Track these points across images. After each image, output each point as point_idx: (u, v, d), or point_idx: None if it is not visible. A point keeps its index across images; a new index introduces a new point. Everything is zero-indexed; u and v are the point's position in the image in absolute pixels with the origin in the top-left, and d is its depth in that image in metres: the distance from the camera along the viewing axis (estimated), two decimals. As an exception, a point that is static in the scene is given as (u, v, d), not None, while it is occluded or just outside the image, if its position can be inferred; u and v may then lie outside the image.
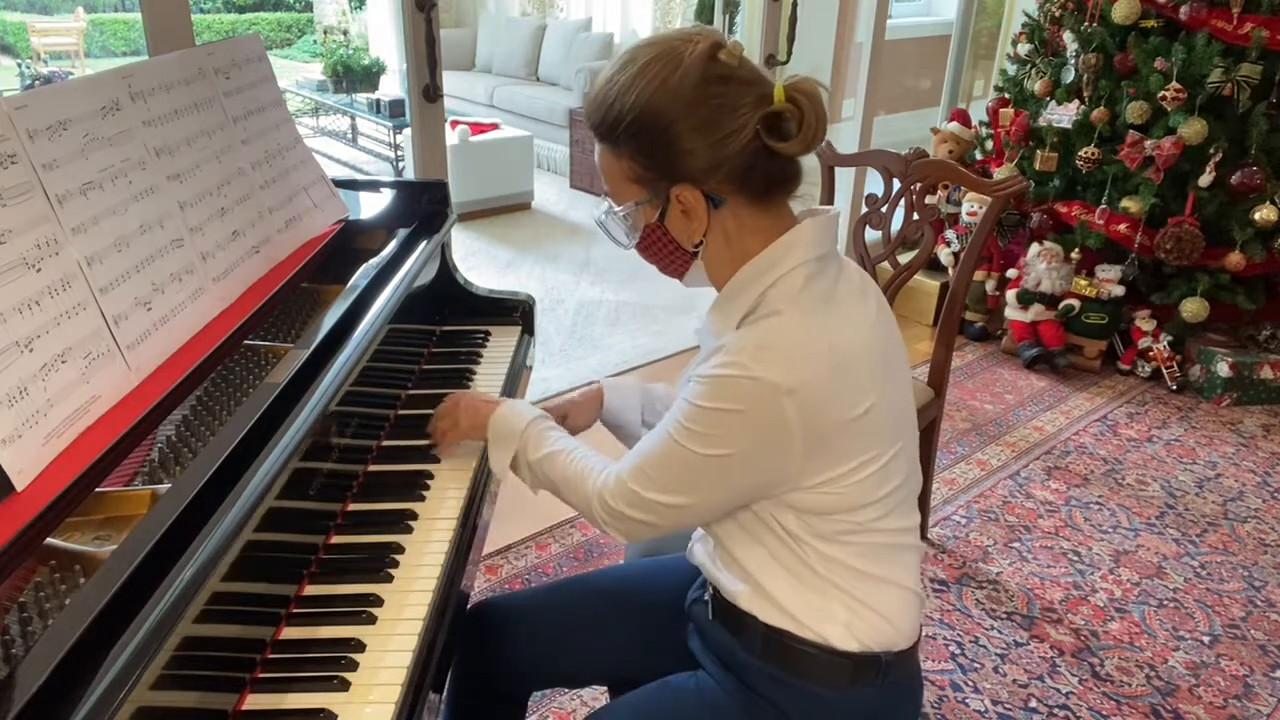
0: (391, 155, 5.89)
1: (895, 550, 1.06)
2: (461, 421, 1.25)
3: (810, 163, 1.06)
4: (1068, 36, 3.43)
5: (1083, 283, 3.36)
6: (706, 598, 1.15)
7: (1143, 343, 3.35)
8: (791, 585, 1.03)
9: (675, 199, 0.99)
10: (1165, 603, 2.23)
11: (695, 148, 0.95)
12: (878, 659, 1.04)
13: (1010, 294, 3.49)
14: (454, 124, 5.21)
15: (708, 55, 0.94)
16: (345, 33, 8.23)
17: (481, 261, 4.61)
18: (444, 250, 1.66)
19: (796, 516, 1.00)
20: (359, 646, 0.97)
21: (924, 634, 1.32)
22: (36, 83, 7.89)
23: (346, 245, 1.48)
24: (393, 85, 6.81)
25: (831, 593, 1.03)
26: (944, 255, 3.70)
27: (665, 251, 1.06)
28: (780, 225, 1.01)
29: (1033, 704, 1.91)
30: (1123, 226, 3.25)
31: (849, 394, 0.96)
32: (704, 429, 0.96)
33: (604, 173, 1.02)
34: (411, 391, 1.48)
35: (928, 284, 3.71)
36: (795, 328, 0.96)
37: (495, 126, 5.68)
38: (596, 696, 1.85)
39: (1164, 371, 3.30)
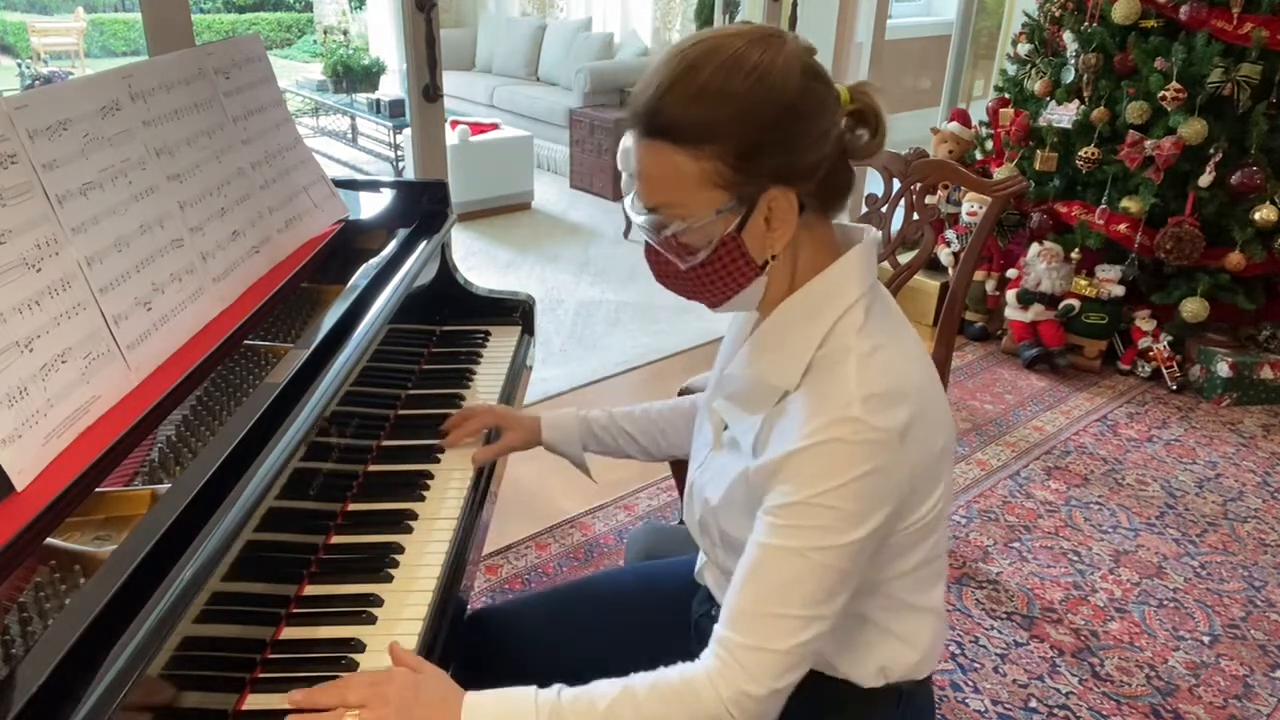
0: (391, 155, 5.89)
1: (934, 579, 1.02)
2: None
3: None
4: (1068, 36, 3.43)
5: (1083, 283, 3.36)
6: (714, 613, 1.11)
7: (1143, 343, 3.35)
8: None
9: (765, 204, 0.87)
10: (1165, 603, 2.23)
11: (801, 143, 0.86)
12: (898, 689, 1.03)
13: (1010, 294, 3.49)
14: (454, 124, 5.21)
15: (801, 55, 0.86)
16: (345, 33, 8.23)
17: (481, 261, 4.61)
18: (444, 250, 1.66)
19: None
20: (359, 646, 0.97)
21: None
22: (36, 83, 7.89)
23: (346, 245, 1.48)
24: (393, 85, 6.81)
25: (867, 633, 0.98)
26: (944, 255, 3.70)
27: (728, 267, 0.90)
28: (833, 241, 0.95)
29: (1033, 704, 1.91)
30: (1123, 226, 3.25)
31: (935, 426, 0.91)
32: (841, 508, 0.83)
33: (663, 180, 0.87)
34: (411, 391, 1.48)
35: (928, 284, 3.71)
36: (885, 365, 0.87)
37: (495, 126, 5.68)
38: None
39: (1164, 371, 3.30)
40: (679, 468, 2.30)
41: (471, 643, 1.23)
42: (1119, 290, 3.33)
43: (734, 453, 0.98)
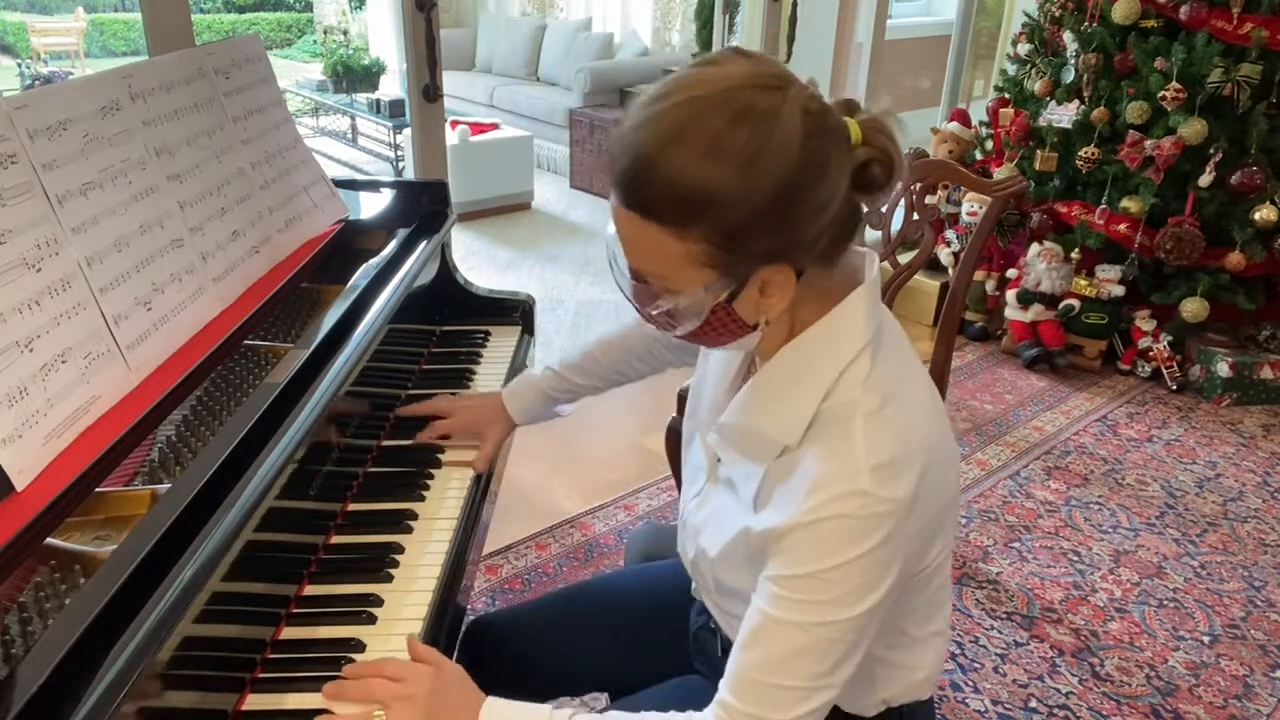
0: (391, 155, 5.89)
1: (940, 606, 1.00)
2: None
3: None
4: (1068, 36, 3.43)
5: (1083, 283, 3.36)
6: (712, 625, 1.10)
7: (1143, 343, 3.35)
8: None
9: (759, 279, 0.80)
10: (1165, 603, 2.23)
11: (800, 221, 0.77)
12: (900, 711, 1.02)
13: (1010, 294, 3.49)
14: (454, 124, 5.21)
15: (804, 107, 0.75)
16: (345, 33, 8.23)
17: (481, 261, 4.61)
18: (444, 250, 1.66)
19: None
20: (359, 646, 0.97)
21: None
22: (36, 83, 7.89)
23: (346, 245, 1.48)
24: (393, 85, 6.81)
25: (873, 668, 0.95)
26: (944, 255, 3.70)
27: (719, 330, 0.85)
28: (834, 285, 0.87)
29: (1033, 704, 1.91)
30: (1123, 226, 3.25)
31: (944, 479, 0.87)
32: (851, 583, 0.80)
33: (649, 254, 0.80)
34: (412, 391, 1.48)
35: (928, 284, 3.71)
36: (894, 425, 0.82)
37: (495, 126, 5.68)
38: (597, 698, 1.84)
39: (1164, 371, 3.30)
40: (679, 467, 2.30)
41: (472, 649, 1.22)
42: (1119, 290, 3.33)
43: (731, 494, 0.94)
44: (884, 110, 0.83)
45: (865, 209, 0.85)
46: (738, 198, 0.74)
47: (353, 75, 6.66)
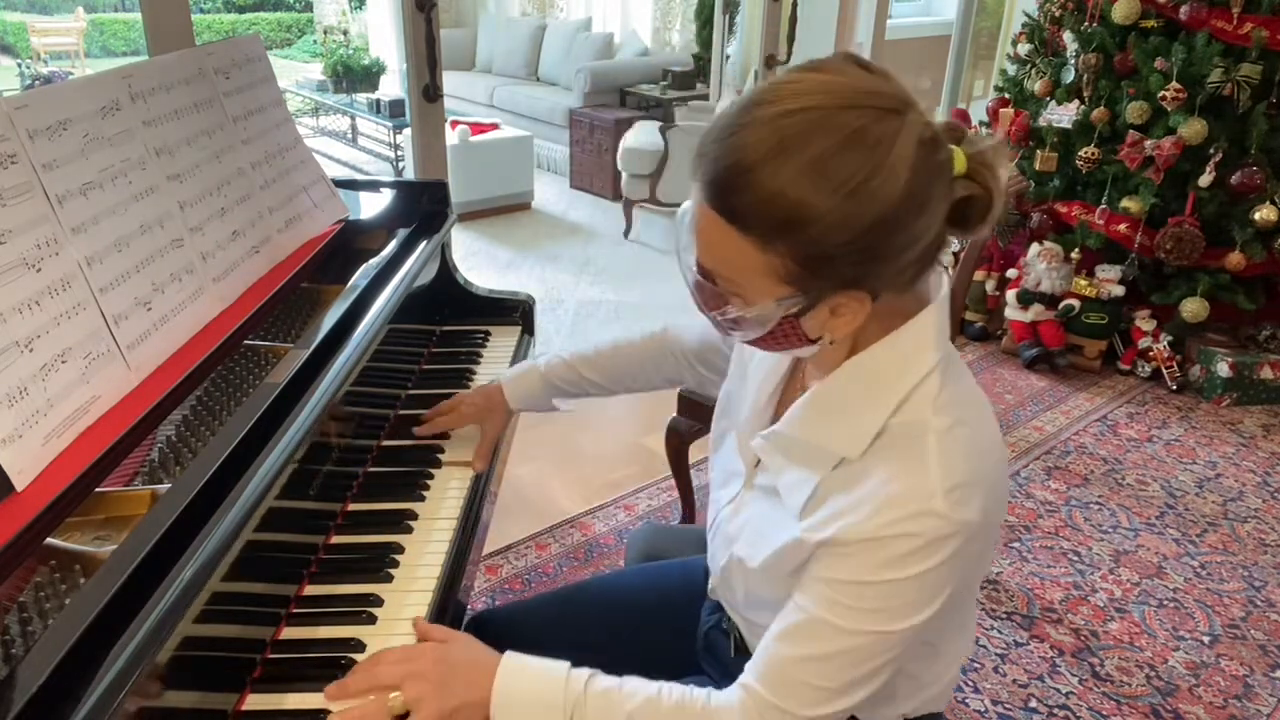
0: (391, 155, 5.89)
1: (969, 622, 1.01)
2: (436, 700, 0.85)
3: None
4: (1068, 36, 3.43)
5: (1083, 283, 3.36)
6: (725, 626, 1.09)
7: (1143, 343, 3.35)
8: None
9: (833, 301, 0.78)
10: (1165, 603, 2.23)
11: (888, 254, 0.74)
12: None
13: (1010, 294, 3.49)
14: (454, 124, 5.21)
15: (919, 137, 0.72)
16: (345, 33, 8.23)
17: (481, 261, 4.61)
18: (444, 250, 1.66)
19: None
20: (359, 646, 0.97)
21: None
22: (36, 83, 7.89)
23: (346, 245, 1.48)
24: (393, 85, 6.81)
25: (898, 682, 0.94)
26: (944, 255, 3.70)
27: (780, 340, 0.83)
28: (903, 304, 0.84)
29: (1033, 704, 1.91)
30: (1123, 226, 3.25)
31: (1003, 505, 0.87)
32: (905, 599, 0.79)
33: (722, 257, 0.77)
34: (412, 392, 1.48)
35: (928, 284, 3.71)
36: (967, 446, 0.81)
37: (495, 126, 5.68)
38: (596, 696, 1.84)
39: (1164, 371, 3.30)
40: (681, 470, 2.30)
41: None
42: (1119, 290, 3.33)
43: (771, 502, 0.92)
44: (995, 144, 0.80)
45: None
46: (833, 224, 0.71)
47: (353, 75, 6.67)
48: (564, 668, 0.88)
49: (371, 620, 1.01)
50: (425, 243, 1.51)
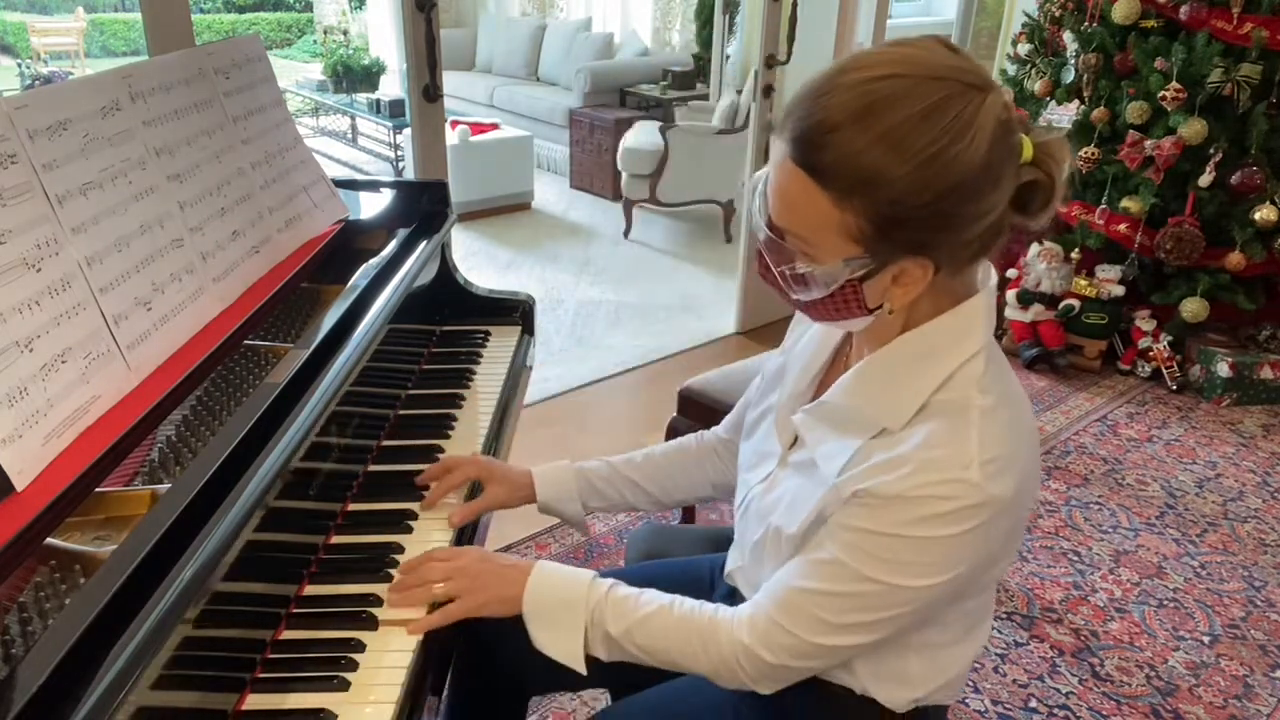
0: (391, 155, 5.89)
1: (988, 612, 1.01)
2: (476, 594, 0.99)
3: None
4: (1068, 36, 3.43)
5: (1083, 283, 3.36)
6: None
7: (1143, 343, 3.35)
8: (869, 653, 0.94)
9: (898, 267, 0.81)
10: (1165, 603, 2.23)
11: (957, 224, 0.78)
12: (924, 712, 1.02)
13: (1010, 294, 3.49)
14: (454, 124, 5.21)
15: (999, 115, 0.76)
16: (345, 33, 8.23)
17: (481, 261, 4.61)
18: (444, 250, 1.66)
19: None
20: (359, 647, 0.97)
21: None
22: (36, 83, 7.89)
23: (346, 245, 1.48)
24: (393, 85, 6.81)
25: (911, 662, 0.96)
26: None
27: (838, 304, 0.85)
28: (954, 287, 0.88)
29: (1033, 704, 1.91)
30: (1123, 226, 3.25)
31: (1034, 491, 0.90)
32: (921, 558, 0.83)
33: (800, 212, 0.80)
34: (412, 392, 1.48)
35: (928, 284, 3.71)
36: (1007, 427, 0.84)
37: (495, 126, 5.68)
38: (596, 697, 1.84)
39: (1164, 371, 3.30)
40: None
41: (472, 637, 1.22)
42: (1119, 290, 3.33)
43: (807, 474, 0.94)
44: (1059, 137, 0.83)
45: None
46: (908, 189, 0.75)
47: (353, 75, 6.67)
48: (589, 575, 0.99)
49: (371, 620, 1.00)
50: (425, 243, 1.51)
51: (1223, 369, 3.20)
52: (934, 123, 0.74)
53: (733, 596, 1.13)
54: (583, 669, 0.97)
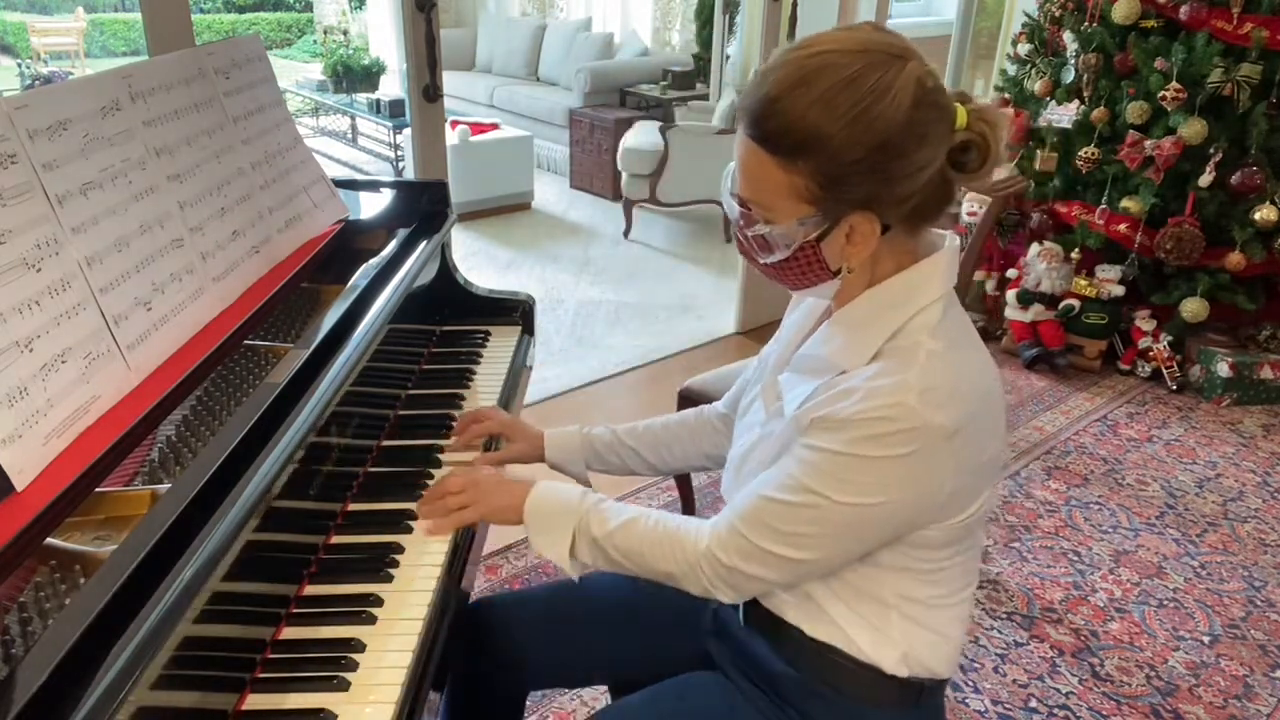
0: (391, 155, 5.89)
1: (969, 575, 1.04)
2: (486, 502, 1.12)
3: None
4: (1068, 36, 3.43)
5: (1083, 283, 3.36)
6: (734, 608, 1.12)
7: (1143, 343, 3.35)
8: (849, 606, 1.00)
9: (848, 224, 0.90)
10: (1165, 603, 2.23)
11: (894, 177, 0.87)
12: (921, 684, 1.03)
13: (1010, 294, 3.49)
14: (454, 124, 5.21)
15: (919, 79, 0.86)
16: (345, 33, 8.23)
17: (481, 261, 4.61)
18: (444, 250, 1.66)
19: (892, 551, 0.96)
20: (359, 646, 0.97)
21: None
22: (36, 83, 7.89)
23: (346, 245, 1.48)
24: (393, 85, 6.80)
25: (893, 619, 1.00)
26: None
27: (804, 268, 0.95)
28: (913, 250, 0.97)
29: (1033, 704, 1.91)
30: (1123, 226, 3.25)
31: (990, 434, 0.94)
32: (858, 477, 0.89)
33: (757, 180, 0.91)
34: (412, 392, 1.48)
35: (928, 284, 3.70)
36: (952, 366, 0.90)
37: (495, 126, 5.68)
38: (596, 697, 1.84)
39: (1164, 371, 3.30)
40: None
41: (472, 634, 1.23)
42: (1119, 290, 3.33)
43: (781, 424, 1.01)
44: (993, 104, 0.92)
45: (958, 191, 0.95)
46: (842, 146, 0.85)
47: (353, 75, 6.66)
48: (582, 489, 1.10)
49: (371, 620, 1.01)
50: (425, 243, 1.51)
51: (1223, 369, 3.20)
52: (858, 86, 0.84)
53: None
54: (569, 570, 1.07)
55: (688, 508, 2.35)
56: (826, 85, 0.85)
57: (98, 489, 0.88)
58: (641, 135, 5.01)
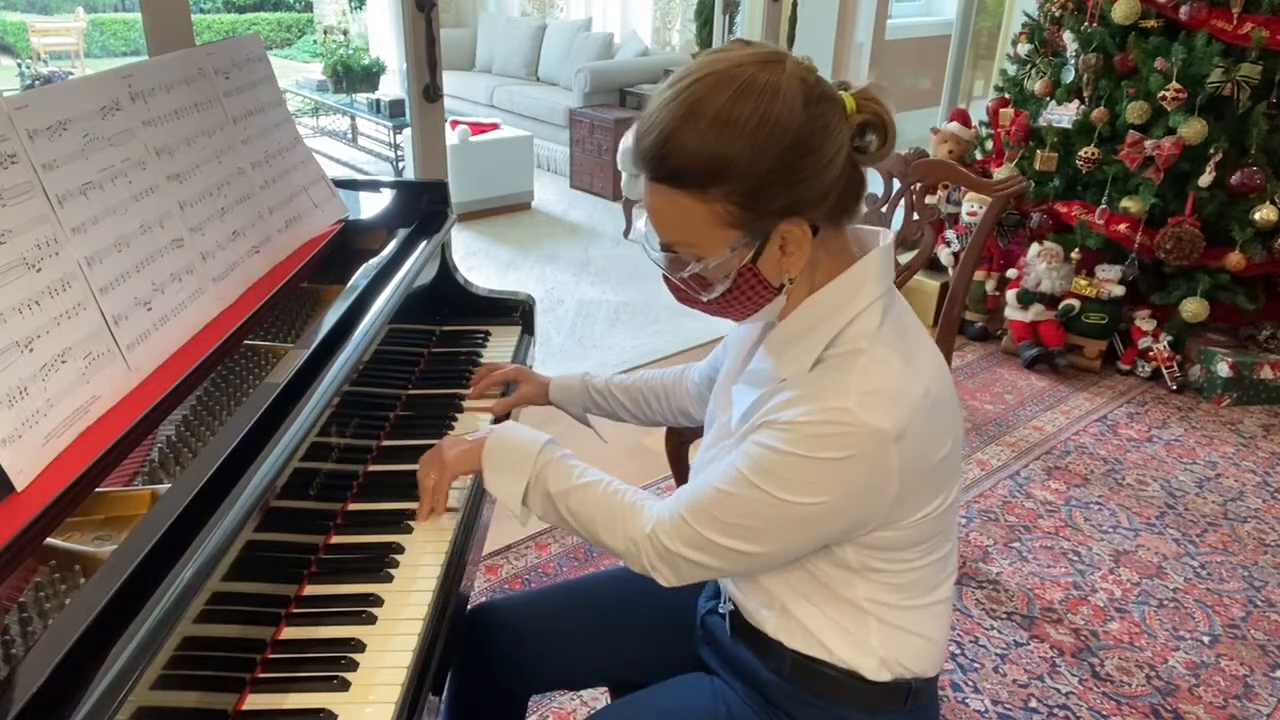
0: (391, 155, 5.89)
1: (942, 574, 1.04)
2: (446, 454, 1.13)
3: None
4: (1068, 36, 3.43)
5: (1083, 283, 3.36)
6: (723, 611, 1.12)
7: (1143, 343, 3.35)
8: (825, 616, 1.01)
9: (779, 236, 0.90)
10: (1165, 603, 2.23)
11: (809, 175, 0.87)
12: (908, 685, 1.03)
13: (1010, 294, 3.49)
14: (454, 124, 5.21)
15: (801, 78, 0.86)
16: (345, 33, 8.23)
17: (481, 261, 4.61)
18: (444, 250, 1.66)
19: (858, 553, 0.97)
20: (359, 646, 0.97)
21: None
22: (36, 83, 7.89)
23: (346, 245, 1.48)
24: (393, 85, 6.80)
25: (870, 625, 1.00)
26: (944, 255, 3.70)
27: (748, 293, 0.94)
28: (846, 248, 0.97)
29: (1033, 704, 1.91)
30: (1123, 226, 3.25)
31: (939, 435, 0.93)
32: (800, 477, 0.89)
33: (675, 220, 0.91)
34: (412, 391, 1.48)
35: (928, 284, 3.71)
36: (893, 369, 0.90)
37: (495, 126, 5.68)
38: (596, 697, 1.85)
39: (1164, 371, 3.30)
40: (680, 470, 2.30)
41: (472, 636, 1.23)
42: (1119, 290, 3.33)
43: (735, 437, 1.01)
44: (871, 82, 0.92)
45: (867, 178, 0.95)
46: (750, 160, 0.85)
47: (353, 75, 6.66)
48: (546, 437, 1.10)
49: (371, 620, 1.01)
50: (425, 243, 1.51)
51: (1223, 369, 3.20)
52: (748, 96, 0.84)
53: (715, 598, 1.16)
54: (518, 514, 1.08)
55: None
56: (718, 106, 0.84)
57: (98, 489, 0.88)
58: (641, 135, 5.00)
